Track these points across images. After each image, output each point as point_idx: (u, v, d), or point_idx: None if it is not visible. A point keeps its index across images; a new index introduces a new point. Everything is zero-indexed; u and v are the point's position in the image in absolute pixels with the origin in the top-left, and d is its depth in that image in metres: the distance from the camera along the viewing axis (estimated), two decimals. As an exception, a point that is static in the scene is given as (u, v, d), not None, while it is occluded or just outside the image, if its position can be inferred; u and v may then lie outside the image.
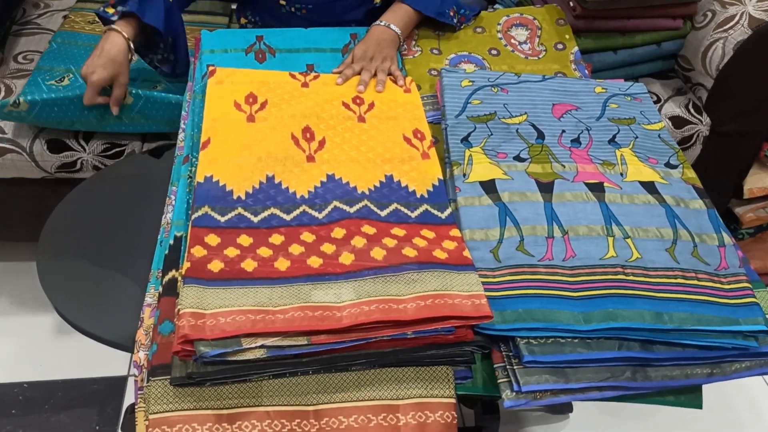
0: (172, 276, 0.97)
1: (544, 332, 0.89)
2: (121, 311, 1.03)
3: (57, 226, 1.23)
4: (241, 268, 0.92)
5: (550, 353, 0.88)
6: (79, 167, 1.58)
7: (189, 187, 1.10)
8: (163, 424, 0.85)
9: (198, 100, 1.27)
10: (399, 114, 1.23)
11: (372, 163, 1.12)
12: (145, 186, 1.29)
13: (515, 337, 0.89)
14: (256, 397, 0.87)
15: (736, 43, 1.60)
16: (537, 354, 0.87)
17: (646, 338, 0.90)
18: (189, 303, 0.86)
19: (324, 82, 1.29)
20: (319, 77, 1.30)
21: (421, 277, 0.91)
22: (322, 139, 1.16)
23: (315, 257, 0.95)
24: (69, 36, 1.77)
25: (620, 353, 0.89)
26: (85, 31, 1.79)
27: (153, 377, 0.88)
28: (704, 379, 0.93)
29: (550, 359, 0.88)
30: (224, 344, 0.83)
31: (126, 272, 1.11)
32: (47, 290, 1.09)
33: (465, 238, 1.00)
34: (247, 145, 1.12)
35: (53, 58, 1.68)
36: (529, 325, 0.89)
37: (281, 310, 0.86)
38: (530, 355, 0.87)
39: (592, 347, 0.89)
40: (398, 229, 1.00)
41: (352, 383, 0.89)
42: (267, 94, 1.23)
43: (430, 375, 0.90)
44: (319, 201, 1.04)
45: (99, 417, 1.57)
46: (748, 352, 0.92)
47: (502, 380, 0.89)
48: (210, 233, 0.97)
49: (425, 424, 0.88)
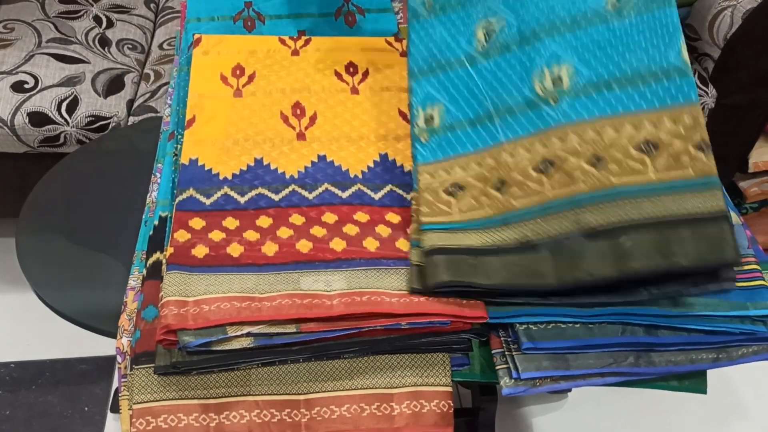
0: (157, 258, 0.93)
1: (545, 317, 0.85)
2: (103, 294, 1.00)
3: (39, 202, 1.20)
4: (227, 254, 0.88)
5: (551, 339, 0.84)
6: (63, 141, 1.54)
7: (175, 165, 1.06)
8: (148, 415, 0.82)
9: (184, 73, 1.21)
10: (395, 83, 1.18)
11: (365, 140, 1.07)
12: (131, 161, 1.25)
13: (514, 324, 0.85)
14: (244, 386, 0.84)
15: (745, 12, 1.55)
16: (536, 340, 0.83)
17: (651, 323, 0.87)
18: (172, 291, 0.83)
19: (315, 47, 1.24)
20: (310, 42, 1.25)
21: None
22: (313, 114, 1.11)
23: (304, 240, 0.91)
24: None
25: (624, 338, 0.86)
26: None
27: (137, 365, 0.85)
28: (710, 364, 0.89)
29: (551, 345, 0.84)
30: (208, 333, 0.79)
31: (109, 252, 1.08)
32: (26, 271, 1.06)
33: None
34: (234, 122, 1.08)
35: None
36: (529, 312, 0.85)
37: (268, 297, 0.83)
38: (529, 341, 0.83)
39: (594, 332, 0.85)
40: (393, 214, 0.96)
41: (345, 371, 0.86)
42: (255, 65, 1.18)
43: (426, 362, 0.87)
44: (309, 181, 1.00)
45: (88, 397, 1.55)
46: (755, 336, 0.88)
47: (501, 366, 0.85)
48: (195, 217, 0.93)
49: (420, 414, 0.85)
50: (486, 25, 1.01)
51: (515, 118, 0.93)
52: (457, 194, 0.91)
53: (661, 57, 0.85)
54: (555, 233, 0.82)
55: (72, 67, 1.60)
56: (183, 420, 0.82)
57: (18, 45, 1.64)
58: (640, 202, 0.77)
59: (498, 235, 0.85)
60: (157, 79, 1.63)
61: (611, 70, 0.88)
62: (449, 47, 1.03)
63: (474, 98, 0.98)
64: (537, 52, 0.95)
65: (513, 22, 0.99)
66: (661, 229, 0.75)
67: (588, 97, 0.88)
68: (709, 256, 0.73)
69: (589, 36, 0.92)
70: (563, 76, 0.90)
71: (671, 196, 0.77)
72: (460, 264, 0.83)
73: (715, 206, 0.75)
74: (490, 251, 0.84)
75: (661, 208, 0.77)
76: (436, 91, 1.01)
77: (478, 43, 1.01)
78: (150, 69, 1.68)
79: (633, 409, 1.55)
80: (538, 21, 0.97)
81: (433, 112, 1.00)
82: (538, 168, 0.87)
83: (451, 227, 0.88)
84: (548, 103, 0.90)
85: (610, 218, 0.78)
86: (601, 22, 0.91)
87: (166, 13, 1.86)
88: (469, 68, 1.01)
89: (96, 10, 1.79)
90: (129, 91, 1.60)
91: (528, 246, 0.83)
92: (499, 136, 0.93)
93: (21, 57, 1.61)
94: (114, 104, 1.55)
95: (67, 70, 1.59)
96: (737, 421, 1.53)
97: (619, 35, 0.90)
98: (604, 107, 0.86)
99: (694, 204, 0.76)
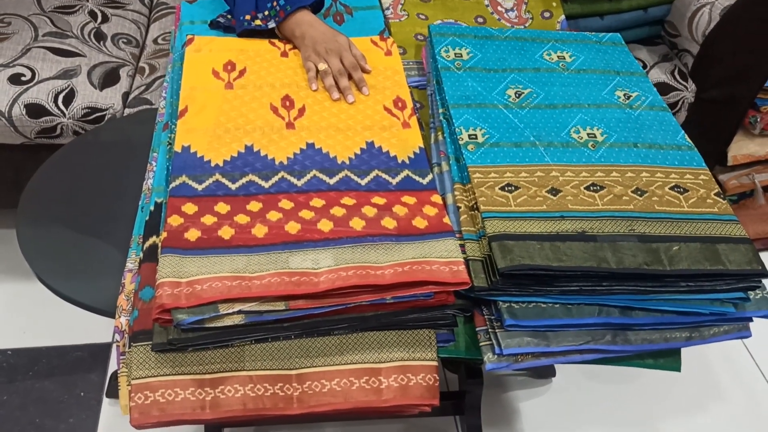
0: (153, 242, 0.97)
1: (527, 297, 0.90)
2: (102, 277, 1.03)
3: (37, 192, 1.22)
4: (218, 236, 0.92)
5: (531, 317, 0.89)
6: (59, 132, 1.56)
7: (169, 154, 1.09)
8: (146, 389, 0.85)
9: (177, 67, 1.25)
10: (379, 82, 1.22)
11: (352, 130, 1.11)
12: (126, 151, 1.27)
13: (497, 302, 0.90)
14: (238, 362, 0.88)
15: (723, 8, 1.59)
16: (519, 318, 0.88)
17: (626, 305, 0.92)
18: (167, 272, 0.86)
19: None
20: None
21: (399, 246, 0.91)
22: (301, 107, 1.15)
23: (293, 222, 0.94)
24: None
25: (600, 319, 0.91)
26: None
27: (134, 343, 0.89)
28: (683, 343, 0.95)
29: (531, 323, 0.89)
30: (201, 311, 0.83)
31: (107, 238, 1.11)
32: (28, 257, 1.08)
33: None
34: (225, 112, 1.11)
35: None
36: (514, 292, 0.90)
37: (258, 276, 0.86)
38: (512, 318, 0.88)
39: (572, 313, 0.90)
40: (378, 197, 1.00)
41: (335, 347, 0.90)
42: (246, 62, 1.22)
43: (413, 339, 0.91)
44: (298, 167, 1.04)
45: (83, 383, 1.58)
46: (725, 317, 0.94)
47: (484, 343, 0.90)
48: (187, 202, 0.96)
49: (407, 387, 0.89)
50: (515, 88, 1.19)
51: (558, 149, 1.08)
52: (513, 191, 0.99)
53: (671, 138, 1.12)
54: (611, 231, 0.94)
55: (68, 60, 1.63)
56: (180, 394, 0.85)
57: (14, 39, 1.66)
58: (682, 225, 0.97)
59: (557, 225, 0.94)
60: (152, 72, 1.66)
61: (635, 137, 1.11)
62: (482, 95, 1.17)
63: (514, 130, 1.10)
64: (567, 115, 1.15)
65: (540, 92, 1.19)
66: (704, 242, 0.94)
67: (620, 149, 1.09)
68: (746, 266, 0.91)
69: (610, 114, 1.15)
70: (596, 133, 1.11)
71: (705, 224, 0.97)
72: (529, 248, 0.90)
73: (742, 233, 0.96)
74: (553, 237, 0.92)
75: (699, 230, 0.96)
76: (475, 119, 1.12)
77: (509, 97, 1.17)
78: (145, 62, 1.70)
79: (615, 393, 1.58)
80: (563, 98, 1.18)
81: (476, 132, 1.09)
82: (589, 188, 1.01)
83: (511, 215, 0.95)
84: (587, 146, 1.09)
85: (660, 230, 0.95)
86: (618, 108, 1.17)
87: (160, 8, 1.89)
88: (504, 111, 1.14)
89: (91, 5, 1.82)
90: (124, 84, 1.62)
91: (587, 236, 0.93)
92: (546, 159, 1.05)
93: (18, 50, 1.63)
94: (110, 96, 1.58)
95: (63, 63, 1.62)
96: (716, 405, 1.58)
97: (633, 118, 1.15)
98: (636, 158, 1.07)
99: (725, 230, 0.96)
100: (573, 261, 0.89)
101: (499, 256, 0.88)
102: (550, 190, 1.00)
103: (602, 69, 1.25)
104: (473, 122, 1.11)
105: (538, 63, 1.25)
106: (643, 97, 1.19)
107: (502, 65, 1.23)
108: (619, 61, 1.28)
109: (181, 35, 1.33)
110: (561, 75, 1.23)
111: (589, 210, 0.97)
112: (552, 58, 1.27)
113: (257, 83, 1.18)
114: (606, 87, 1.21)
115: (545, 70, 1.24)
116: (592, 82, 1.22)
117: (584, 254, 0.90)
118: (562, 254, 0.89)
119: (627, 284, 0.90)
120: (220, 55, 1.22)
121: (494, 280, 0.89)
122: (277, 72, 1.21)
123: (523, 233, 0.92)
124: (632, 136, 1.11)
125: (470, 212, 0.98)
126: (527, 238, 0.91)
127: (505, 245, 0.89)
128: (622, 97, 1.19)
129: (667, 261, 0.90)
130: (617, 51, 1.31)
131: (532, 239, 0.91)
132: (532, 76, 1.22)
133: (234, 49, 1.24)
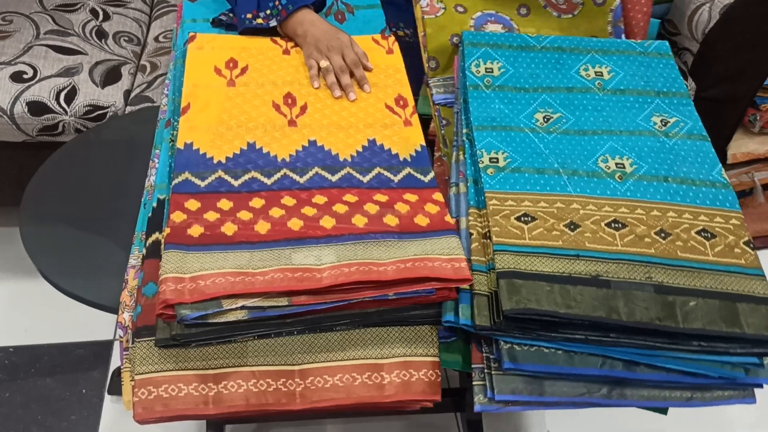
0: (156, 238, 0.97)
1: (530, 340, 0.86)
2: (105, 273, 1.04)
3: (39, 190, 1.23)
4: (221, 232, 0.92)
5: (532, 361, 0.85)
6: (61, 130, 1.57)
7: (171, 151, 1.10)
8: (149, 385, 0.86)
9: (179, 65, 1.25)
10: (381, 80, 1.22)
11: (354, 128, 1.12)
12: (128, 149, 1.28)
13: (498, 341, 0.86)
14: (241, 357, 0.88)
15: (723, 7, 1.60)
16: (519, 361, 0.85)
17: (631, 359, 0.87)
18: (170, 268, 0.86)
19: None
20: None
21: (401, 244, 0.91)
22: (303, 104, 1.15)
23: (296, 219, 0.95)
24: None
25: (602, 371, 0.86)
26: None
27: (138, 338, 0.89)
28: (681, 403, 0.89)
29: (531, 368, 0.85)
30: (204, 306, 0.83)
31: (109, 235, 1.11)
32: (31, 254, 1.09)
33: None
34: (227, 110, 1.12)
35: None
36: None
37: (261, 272, 0.86)
38: (511, 362, 0.84)
39: (574, 361, 0.86)
40: (380, 195, 1.00)
41: (337, 343, 0.90)
42: (248, 60, 1.22)
43: (414, 335, 0.91)
44: (300, 165, 1.04)
45: (85, 381, 1.58)
46: (734, 382, 0.89)
47: (477, 383, 0.87)
48: (190, 198, 0.97)
49: (409, 383, 0.89)
50: (544, 112, 1.13)
51: (582, 179, 1.02)
52: (529, 222, 0.95)
53: (706, 172, 1.04)
54: (626, 278, 0.89)
55: (70, 58, 1.63)
56: (183, 389, 0.86)
57: (16, 36, 1.67)
58: (703, 276, 0.90)
59: (571, 266, 0.89)
60: (153, 70, 1.67)
61: (666, 169, 1.04)
62: (508, 117, 1.12)
63: (539, 156, 1.06)
64: (597, 142, 1.09)
65: (570, 117, 1.13)
66: (723, 299, 0.87)
67: (649, 183, 1.02)
68: (764, 331, 0.85)
69: (643, 142, 1.08)
70: (625, 164, 1.05)
71: (729, 277, 0.90)
72: (538, 290, 0.86)
73: (766, 292, 0.88)
74: (564, 279, 0.87)
75: (722, 284, 0.89)
76: (498, 142, 1.08)
77: (536, 121, 1.12)
78: (146, 60, 1.71)
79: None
80: (594, 124, 1.12)
81: (498, 156, 1.05)
82: (610, 224, 0.96)
83: (523, 250, 0.91)
84: (613, 178, 1.03)
85: (678, 280, 0.89)
86: (652, 136, 1.09)
87: (161, 6, 1.89)
88: (530, 134, 1.09)
89: (93, 3, 1.82)
90: (126, 82, 1.63)
91: (600, 281, 0.88)
92: (568, 188, 1.01)
93: (20, 48, 1.64)
94: (111, 94, 1.58)
95: (65, 61, 1.62)
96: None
97: (668, 148, 1.07)
98: (665, 195, 1.00)
99: (748, 287, 0.89)
100: (582, 309, 0.84)
101: (506, 296, 0.85)
102: (569, 224, 0.95)
103: (641, 89, 1.17)
104: (496, 145, 1.06)
105: (573, 81, 1.18)
106: (682, 124, 1.11)
107: (533, 83, 1.17)
108: (662, 77, 1.20)
109: (182, 33, 1.33)
110: (595, 96, 1.16)
111: (607, 250, 0.92)
112: (589, 74, 1.19)
113: (259, 81, 1.18)
114: (642, 112, 1.13)
115: (579, 90, 1.17)
116: (627, 105, 1.15)
117: (594, 302, 0.85)
118: (572, 300, 0.85)
119: (636, 338, 0.85)
120: (223, 53, 1.23)
121: (498, 321, 0.85)
122: (279, 70, 1.22)
123: (533, 272, 0.88)
124: (664, 169, 1.03)
125: (482, 240, 0.95)
126: (537, 278, 0.87)
127: (513, 284, 0.86)
128: (659, 123, 1.11)
129: (682, 317, 0.85)
130: (661, 64, 1.22)
131: (542, 279, 0.87)
132: (564, 97, 1.15)
133: (236, 46, 1.25)
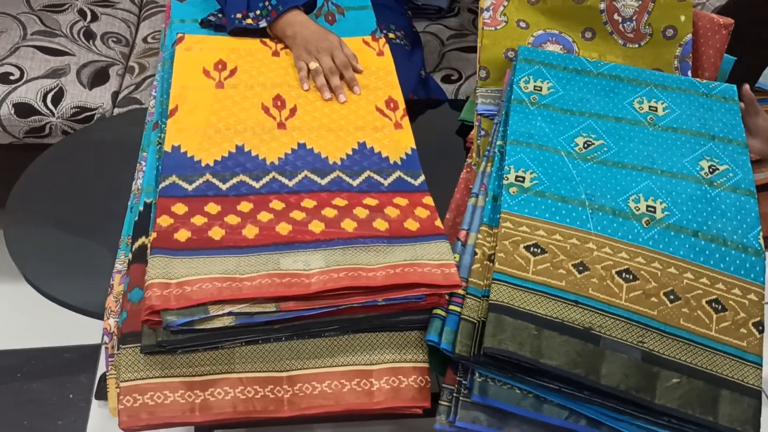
0: (142, 243, 0.96)
1: (505, 378, 0.85)
2: (90, 278, 1.02)
3: (25, 192, 1.21)
4: (209, 237, 0.91)
5: (501, 399, 0.84)
6: (48, 132, 1.55)
7: (159, 154, 1.09)
8: (135, 392, 0.85)
9: (167, 66, 1.24)
10: (371, 82, 1.22)
11: (344, 131, 1.11)
12: (116, 151, 1.26)
13: (474, 371, 0.85)
14: (228, 364, 0.87)
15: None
16: (489, 396, 0.84)
17: (596, 418, 0.85)
18: (156, 274, 0.85)
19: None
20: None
21: (391, 249, 0.91)
22: (293, 106, 1.14)
23: (284, 223, 0.94)
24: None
25: (566, 423, 0.85)
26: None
27: (123, 345, 0.88)
28: None
29: (499, 406, 0.84)
30: (191, 312, 0.82)
31: (95, 239, 1.10)
32: (15, 257, 1.07)
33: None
34: (216, 112, 1.11)
35: None
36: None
37: (249, 278, 0.86)
38: (481, 396, 0.84)
39: (542, 409, 0.85)
40: (370, 198, 1.00)
41: (326, 349, 0.89)
42: (237, 61, 1.21)
43: (403, 341, 0.91)
44: (289, 168, 1.03)
45: (73, 385, 1.57)
46: None
47: (443, 403, 0.87)
48: (177, 202, 0.96)
49: (399, 389, 0.88)
50: (586, 137, 1.08)
51: (606, 216, 0.98)
52: (537, 255, 0.92)
53: (743, 233, 0.98)
54: (618, 337, 0.87)
55: (57, 60, 1.62)
56: (169, 397, 0.85)
57: (3, 37, 1.65)
58: (697, 352, 0.88)
59: (566, 312, 0.87)
60: (142, 71, 1.65)
61: (699, 222, 0.99)
62: (547, 137, 1.08)
63: (568, 182, 1.02)
64: (633, 178, 1.03)
65: (612, 146, 1.07)
66: (709, 382, 0.85)
67: (676, 235, 0.97)
68: (738, 425, 0.83)
69: (683, 188, 1.02)
70: (657, 207, 1.00)
71: (724, 359, 0.88)
72: (524, 333, 0.84)
73: (756, 384, 0.86)
74: (555, 325, 0.86)
75: (713, 364, 0.87)
76: (529, 160, 1.04)
77: (576, 145, 1.07)
78: (134, 62, 1.69)
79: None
80: (636, 158, 1.06)
81: (525, 175, 1.02)
82: (621, 273, 0.93)
83: (523, 285, 0.89)
84: (640, 222, 0.98)
85: (671, 352, 0.87)
86: (694, 182, 1.03)
87: (150, 7, 1.88)
88: (565, 158, 1.05)
89: (80, 4, 1.81)
90: (114, 83, 1.61)
91: (591, 335, 0.86)
92: (588, 225, 0.97)
93: (6, 49, 1.62)
94: (99, 96, 1.57)
95: (52, 62, 1.61)
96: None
97: (708, 198, 1.01)
98: (689, 252, 0.96)
99: (740, 374, 0.87)
100: (562, 362, 0.83)
101: (491, 332, 0.83)
102: (578, 265, 0.92)
103: (696, 131, 1.10)
104: (527, 163, 1.02)
105: (624, 112, 1.12)
106: (731, 174, 1.04)
107: (581, 108, 1.12)
108: (721, 122, 1.12)
109: (171, 34, 1.32)
110: (644, 130, 1.10)
111: (608, 302, 0.89)
112: (642, 107, 1.13)
113: (248, 83, 1.17)
114: (692, 153, 1.07)
115: (628, 121, 1.11)
116: (678, 144, 1.08)
117: (577, 358, 0.84)
118: (554, 351, 0.83)
119: (607, 400, 0.84)
120: (211, 54, 1.22)
121: (475, 354, 0.84)
122: (268, 71, 1.21)
123: (526, 311, 0.86)
124: (697, 221, 0.98)
125: (485, 262, 0.93)
126: (528, 319, 0.85)
127: (501, 321, 0.84)
128: (706, 168, 1.04)
129: (659, 393, 0.83)
130: (724, 108, 1.14)
131: (532, 321, 0.85)
132: (610, 125, 1.09)
133: (225, 48, 1.24)
